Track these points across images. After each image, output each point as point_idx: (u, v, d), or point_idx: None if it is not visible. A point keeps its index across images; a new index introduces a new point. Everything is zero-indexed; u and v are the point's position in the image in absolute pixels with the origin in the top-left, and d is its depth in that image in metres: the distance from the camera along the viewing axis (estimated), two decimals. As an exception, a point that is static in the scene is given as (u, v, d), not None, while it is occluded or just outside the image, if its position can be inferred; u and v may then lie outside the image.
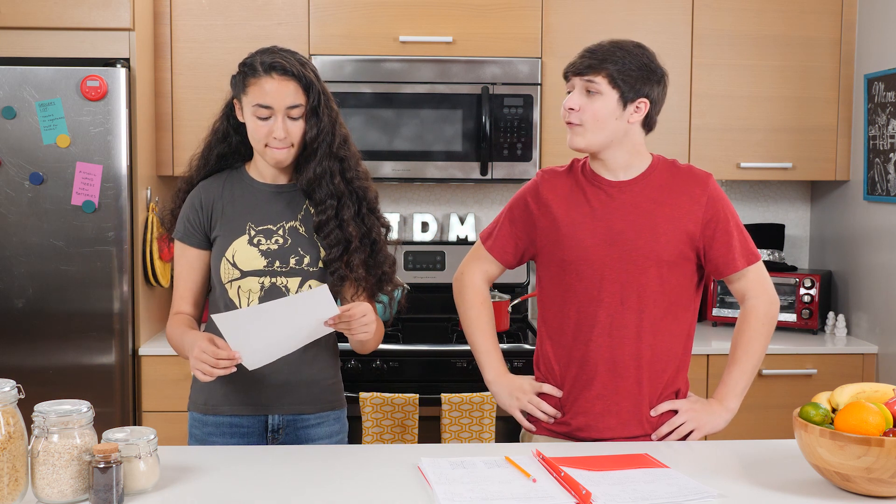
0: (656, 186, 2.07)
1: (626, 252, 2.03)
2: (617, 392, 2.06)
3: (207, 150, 2.16)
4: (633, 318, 2.04)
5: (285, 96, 2.00)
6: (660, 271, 2.04)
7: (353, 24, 3.33)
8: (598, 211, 2.06)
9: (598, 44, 2.05)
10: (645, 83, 2.03)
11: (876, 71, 3.28)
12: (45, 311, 2.99)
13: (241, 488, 1.69)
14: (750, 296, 2.10)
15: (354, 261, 2.07)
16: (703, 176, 2.09)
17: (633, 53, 2.03)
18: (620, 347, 2.05)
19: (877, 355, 3.26)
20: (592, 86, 2.01)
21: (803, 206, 3.89)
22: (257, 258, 2.07)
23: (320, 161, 2.06)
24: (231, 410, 2.10)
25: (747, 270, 2.09)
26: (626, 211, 2.05)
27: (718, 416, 2.08)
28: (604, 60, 2.00)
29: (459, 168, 3.35)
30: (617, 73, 2.00)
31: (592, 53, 2.03)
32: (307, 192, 2.10)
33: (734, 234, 2.07)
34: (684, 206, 2.05)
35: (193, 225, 2.11)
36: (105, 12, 3.00)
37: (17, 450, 1.55)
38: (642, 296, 2.04)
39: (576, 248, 2.06)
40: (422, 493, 1.67)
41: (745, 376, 2.09)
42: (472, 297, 2.26)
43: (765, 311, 2.09)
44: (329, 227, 2.07)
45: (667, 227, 2.04)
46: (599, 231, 2.05)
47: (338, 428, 2.19)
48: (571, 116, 2.03)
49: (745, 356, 2.09)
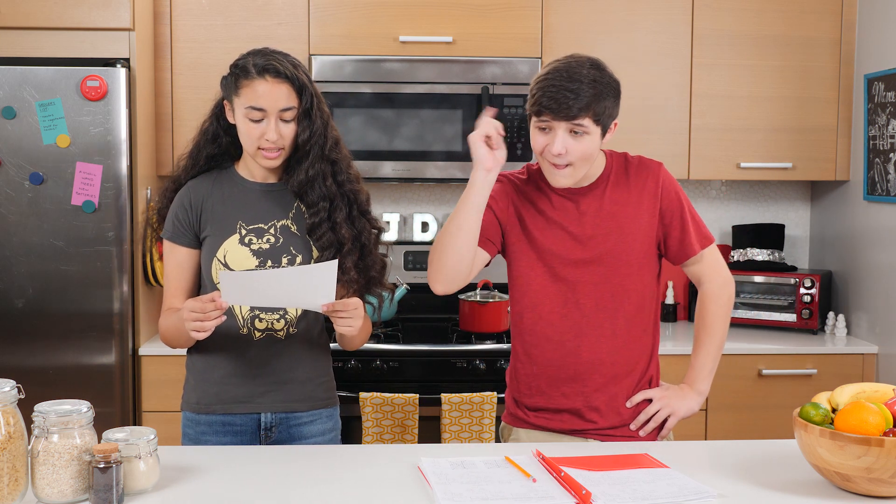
0: (615, 186, 2.09)
1: (598, 256, 2.07)
2: (596, 389, 2.09)
3: (196, 151, 2.16)
4: (607, 319, 2.08)
5: (278, 99, 2.00)
6: (630, 270, 2.08)
7: (353, 24, 3.33)
8: (567, 217, 2.08)
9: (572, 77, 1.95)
10: (616, 106, 2.02)
11: (876, 71, 3.28)
12: (45, 311, 2.99)
13: (241, 488, 1.69)
14: (706, 279, 2.15)
15: (347, 263, 2.08)
16: (654, 167, 2.12)
17: (604, 81, 1.97)
18: (596, 347, 2.08)
19: (877, 355, 3.26)
20: (580, 128, 1.96)
21: (803, 206, 3.89)
22: (248, 258, 2.07)
23: (312, 163, 2.06)
24: (223, 409, 2.10)
25: (703, 254, 2.13)
26: (593, 215, 2.08)
27: (691, 400, 2.13)
28: (588, 103, 1.94)
29: (459, 168, 3.35)
30: (599, 111, 1.97)
31: (574, 95, 1.94)
32: (298, 194, 2.10)
33: (689, 220, 2.11)
34: (643, 202, 2.08)
35: (183, 224, 2.10)
36: (105, 12, 3.00)
37: (17, 450, 1.55)
38: (616, 297, 2.08)
39: (547, 255, 2.08)
40: (422, 493, 1.67)
41: (711, 358, 2.15)
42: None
43: (720, 293, 2.15)
44: (322, 229, 2.07)
45: (632, 227, 2.07)
46: (570, 237, 2.07)
47: (331, 425, 2.19)
48: (559, 160, 1.99)
49: (709, 339, 2.14)
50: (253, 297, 1.94)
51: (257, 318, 2.08)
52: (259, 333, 2.08)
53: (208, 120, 2.15)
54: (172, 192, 2.16)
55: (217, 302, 1.88)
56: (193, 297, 1.95)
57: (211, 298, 1.89)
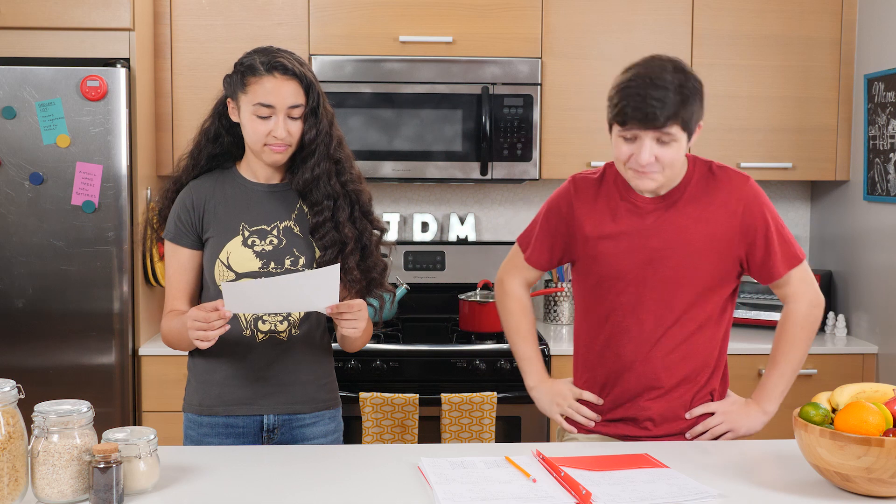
0: (692, 199, 2.02)
1: (663, 272, 2.01)
2: (651, 399, 2.07)
3: (197, 151, 2.14)
4: (668, 333, 2.04)
5: (287, 96, 2.00)
6: (695, 289, 2.02)
7: (353, 24, 3.33)
8: (634, 228, 2.03)
9: (657, 84, 1.88)
10: (700, 109, 1.94)
11: (876, 71, 3.28)
12: (45, 311, 2.99)
13: (240, 488, 1.69)
14: (791, 299, 2.07)
15: (349, 262, 2.07)
16: (738, 182, 2.03)
17: (689, 85, 1.90)
18: (653, 360, 2.05)
19: (877, 355, 3.26)
20: (667, 136, 1.90)
21: (803, 206, 3.89)
22: (252, 259, 2.06)
23: (318, 162, 2.06)
24: (226, 411, 2.10)
25: (790, 274, 2.05)
26: (663, 229, 2.01)
27: (755, 419, 2.07)
28: (676, 112, 1.88)
29: (459, 168, 3.35)
30: (685, 116, 1.90)
31: (661, 103, 1.87)
32: (302, 194, 2.09)
33: (774, 240, 2.01)
34: (721, 219, 2.00)
35: (185, 225, 2.09)
36: (105, 12, 3.00)
37: (17, 450, 1.55)
38: (677, 311, 2.03)
39: (612, 265, 2.05)
40: (422, 493, 1.67)
41: (784, 379, 2.07)
42: (513, 305, 2.24)
43: (805, 314, 2.06)
44: (325, 228, 2.07)
45: (704, 247, 2.00)
46: (636, 249, 2.02)
47: (333, 427, 2.19)
48: (649, 168, 1.93)
49: (784, 359, 2.07)
50: (256, 304, 1.92)
51: (260, 319, 2.07)
52: (262, 335, 2.08)
53: (209, 119, 2.14)
54: (174, 193, 2.15)
55: (220, 311, 1.87)
56: (197, 306, 1.93)
57: (214, 307, 1.88)
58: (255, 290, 1.89)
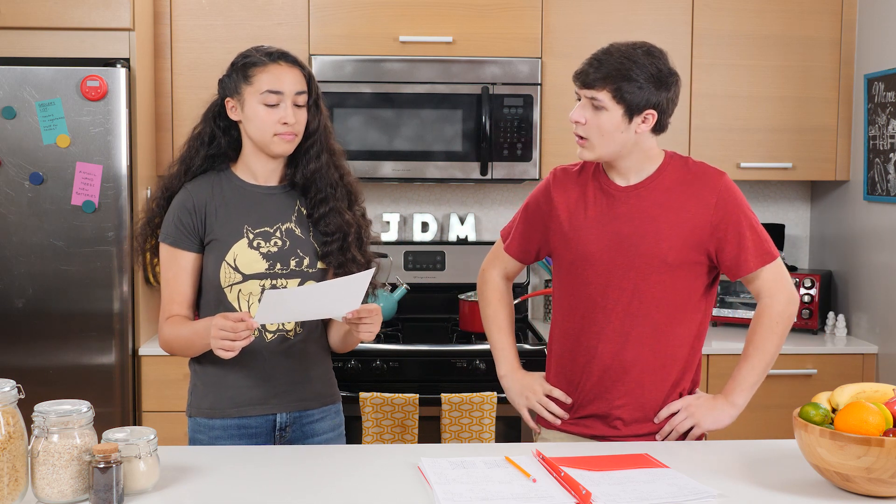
0: (664, 189, 2.04)
1: (630, 258, 2.02)
2: (620, 395, 2.07)
3: (189, 157, 2.12)
4: (637, 324, 2.04)
5: (294, 82, 2.04)
6: (662, 277, 2.02)
7: (353, 24, 3.33)
8: (604, 216, 2.05)
9: (606, 51, 1.97)
10: (652, 94, 1.95)
11: (876, 71, 3.28)
12: (45, 311, 2.99)
13: (240, 488, 1.69)
14: (766, 294, 2.05)
15: (352, 249, 2.10)
16: (714, 176, 2.04)
17: (641, 63, 1.94)
18: (623, 353, 2.05)
19: (877, 355, 3.26)
20: (596, 101, 1.96)
21: (803, 206, 3.89)
22: (259, 261, 2.06)
23: (319, 154, 2.11)
24: (239, 412, 2.09)
25: (762, 270, 2.04)
26: (632, 216, 2.03)
27: (721, 412, 2.05)
28: (608, 75, 1.93)
29: (459, 168, 3.35)
30: (622, 89, 1.93)
31: (598, 65, 1.95)
32: (304, 186, 2.11)
33: (746, 235, 2.01)
34: (691, 209, 2.02)
35: (187, 228, 2.07)
36: (105, 12, 3.00)
37: (17, 450, 1.55)
38: (646, 301, 2.03)
39: (582, 252, 2.06)
40: (422, 493, 1.67)
41: (755, 372, 2.05)
42: (490, 295, 2.27)
43: (779, 311, 2.04)
44: (330, 216, 2.10)
45: (670, 233, 2.01)
46: (605, 236, 2.04)
47: (339, 421, 2.22)
48: (578, 129, 2.00)
49: (756, 353, 2.05)
50: (286, 313, 1.90)
51: None
52: (271, 335, 2.09)
53: (201, 124, 2.13)
54: (165, 201, 2.12)
55: (248, 322, 1.85)
56: (223, 314, 1.88)
57: (240, 318, 1.85)
58: (294, 298, 1.89)
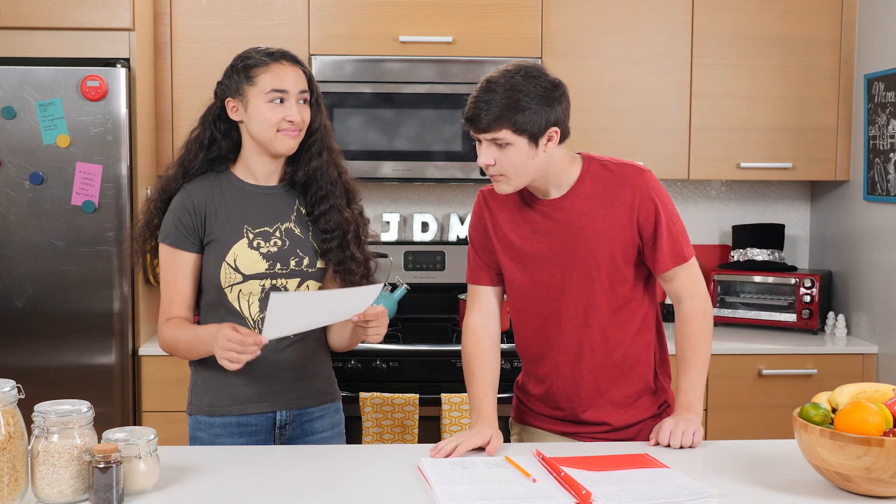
0: (587, 198, 2.01)
1: (567, 272, 2.02)
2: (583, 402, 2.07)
3: (189, 159, 2.11)
4: (586, 333, 2.04)
5: (297, 81, 2.05)
6: (602, 286, 2.02)
7: (353, 24, 3.33)
8: (536, 233, 2.04)
9: (486, 88, 1.89)
10: (547, 113, 1.90)
11: (876, 71, 3.28)
12: (45, 311, 2.99)
13: (240, 488, 1.69)
14: (685, 296, 2.04)
15: (351, 247, 2.12)
16: (633, 176, 2.01)
17: (526, 90, 1.88)
18: (579, 362, 2.05)
19: (877, 355, 3.26)
20: (499, 140, 1.89)
21: (803, 206, 3.89)
22: (259, 261, 2.07)
23: (320, 151, 2.12)
24: (239, 410, 2.10)
25: (678, 270, 2.02)
26: (561, 230, 2.02)
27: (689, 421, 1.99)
28: (500, 115, 1.87)
29: (459, 168, 3.35)
30: (518, 122, 1.87)
31: (486, 106, 1.87)
32: (305, 185, 2.12)
33: (663, 235, 2.00)
34: (616, 213, 2.00)
35: (187, 229, 2.07)
36: (105, 12, 3.00)
37: (17, 450, 1.55)
38: (591, 310, 2.03)
39: (520, 271, 2.06)
40: (422, 493, 1.67)
41: (702, 378, 2.04)
42: (465, 342, 2.15)
43: (703, 310, 2.04)
44: (330, 213, 2.11)
45: (599, 242, 2.00)
46: (539, 253, 2.04)
47: (338, 419, 2.22)
48: (490, 171, 1.94)
49: (697, 358, 2.03)
50: (293, 323, 1.91)
51: None
52: None
53: (199, 128, 2.13)
54: (163, 203, 2.12)
55: (256, 338, 1.86)
56: (230, 325, 1.89)
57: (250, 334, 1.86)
58: (301, 304, 1.90)
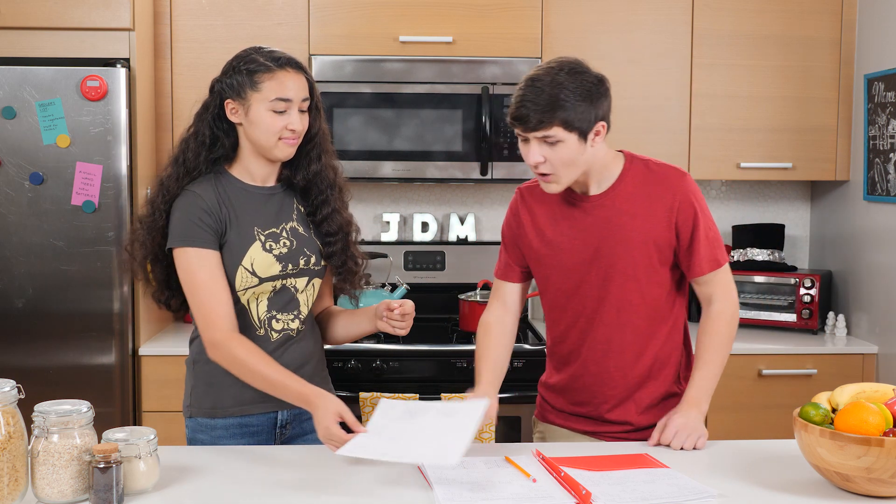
0: (628, 196, 2.02)
1: (604, 269, 2.03)
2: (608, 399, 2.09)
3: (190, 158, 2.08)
4: (618, 331, 2.05)
5: (301, 89, 2.03)
6: (638, 285, 2.03)
7: (353, 24, 3.33)
8: (574, 229, 2.05)
9: (535, 86, 1.88)
10: (595, 108, 1.91)
11: (876, 71, 3.28)
12: (45, 311, 2.99)
13: (240, 488, 1.69)
14: (716, 298, 2.06)
15: (351, 248, 2.15)
16: (674, 178, 2.03)
17: (572, 86, 1.88)
18: (607, 360, 2.06)
19: (877, 355, 3.26)
20: (550, 138, 1.89)
21: (803, 206, 3.89)
22: (274, 264, 2.06)
23: (319, 155, 2.12)
24: (241, 411, 2.09)
25: (712, 275, 2.04)
26: (601, 227, 2.02)
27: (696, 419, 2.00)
28: (551, 110, 1.87)
29: (459, 168, 3.35)
30: (569, 117, 1.88)
31: (536, 104, 1.87)
32: (305, 188, 2.12)
33: (700, 239, 2.01)
34: (657, 213, 2.01)
35: (211, 228, 2.01)
36: (105, 12, 3.00)
37: (17, 450, 1.55)
38: (625, 309, 2.04)
39: (556, 268, 2.07)
40: (422, 493, 1.67)
41: (715, 378, 2.05)
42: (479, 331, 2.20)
43: (731, 314, 2.06)
44: (332, 216, 2.12)
45: (639, 241, 2.01)
46: (577, 250, 2.04)
47: None
48: (540, 168, 1.95)
49: (717, 357, 2.04)
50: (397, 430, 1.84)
51: (274, 318, 2.08)
52: (276, 334, 2.08)
53: (197, 125, 2.10)
54: (167, 205, 2.06)
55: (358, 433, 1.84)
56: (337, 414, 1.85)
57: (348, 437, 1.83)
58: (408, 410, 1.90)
